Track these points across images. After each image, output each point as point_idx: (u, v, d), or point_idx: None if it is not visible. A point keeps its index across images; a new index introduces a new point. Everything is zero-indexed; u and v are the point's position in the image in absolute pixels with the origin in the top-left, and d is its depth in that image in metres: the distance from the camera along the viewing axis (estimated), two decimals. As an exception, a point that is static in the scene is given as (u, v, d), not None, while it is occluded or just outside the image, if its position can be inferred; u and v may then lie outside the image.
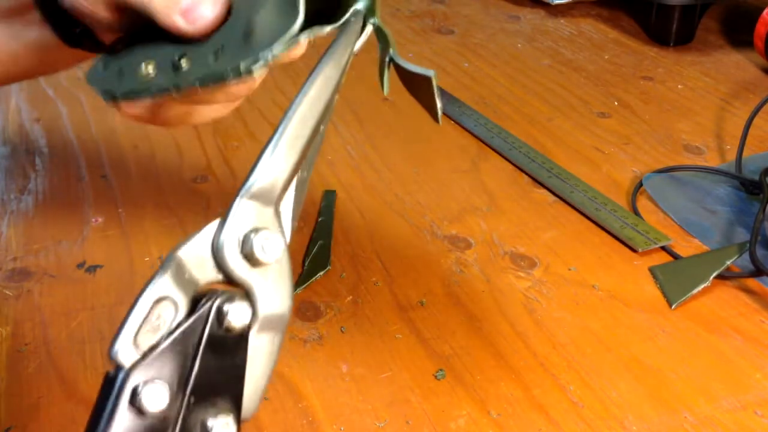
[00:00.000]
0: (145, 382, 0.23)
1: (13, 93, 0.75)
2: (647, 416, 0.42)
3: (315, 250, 0.53)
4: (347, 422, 0.41)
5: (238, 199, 0.26)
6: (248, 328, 0.25)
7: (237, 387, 0.26)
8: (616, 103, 0.74)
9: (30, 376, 0.44)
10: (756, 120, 0.66)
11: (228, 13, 0.32)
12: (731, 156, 0.65)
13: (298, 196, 0.28)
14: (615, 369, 0.44)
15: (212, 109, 0.36)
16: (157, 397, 0.23)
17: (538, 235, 0.55)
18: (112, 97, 0.33)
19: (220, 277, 0.26)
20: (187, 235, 0.25)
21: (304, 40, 0.31)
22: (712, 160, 0.65)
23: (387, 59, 0.36)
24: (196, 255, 0.25)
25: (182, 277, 0.25)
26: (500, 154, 0.65)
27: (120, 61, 0.34)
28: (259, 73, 0.30)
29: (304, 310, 0.48)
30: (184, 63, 0.32)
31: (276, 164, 0.27)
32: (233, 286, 0.26)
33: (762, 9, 0.78)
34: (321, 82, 0.28)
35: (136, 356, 0.23)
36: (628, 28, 0.91)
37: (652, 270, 0.52)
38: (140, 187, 0.61)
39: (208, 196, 0.60)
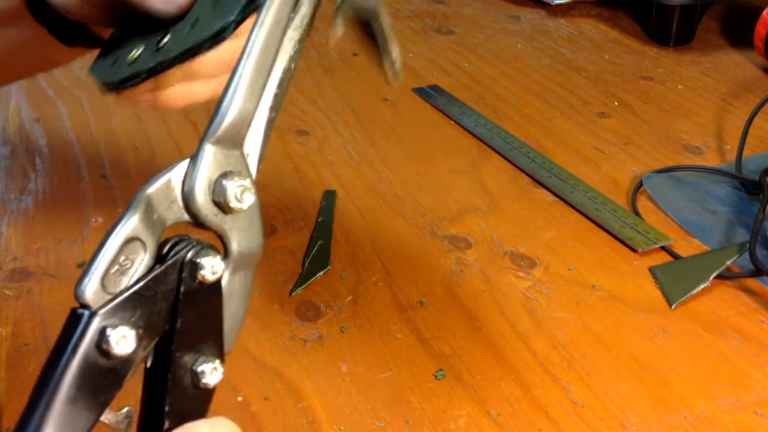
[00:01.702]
0: (114, 326, 0.23)
1: (13, 93, 0.75)
2: (647, 416, 0.42)
3: (315, 250, 0.53)
4: (347, 422, 0.41)
5: (205, 143, 0.25)
6: (220, 278, 0.25)
7: (217, 331, 0.26)
8: (616, 103, 0.74)
9: (30, 376, 0.44)
10: (756, 120, 0.66)
11: None
12: (731, 156, 0.65)
13: (265, 138, 0.28)
14: (615, 369, 0.44)
15: (209, 84, 0.36)
16: (123, 341, 0.23)
17: (538, 235, 0.55)
18: (110, 88, 0.33)
19: (187, 218, 0.25)
20: (155, 174, 0.25)
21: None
22: (712, 160, 0.65)
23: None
24: (165, 195, 0.25)
25: (151, 218, 0.24)
26: (500, 154, 0.65)
27: (114, 53, 0.34)
28: (228, 37, 0.30)
29: (304, 310, 0.48)
30: (166, 41, 0.32)
31: (239, 104, 0.26)
32: (202, 228, 0.26)
33: (762, 9, 0.78)
34: (273, 15, 0.27)
35: (104, 298, 0.23)
36: (628, 28, 0.91)
37: (652, 270, 0.52)
38: (140, 187, 0.61)
39: (208, 196, 0.59)
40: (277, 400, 0.42)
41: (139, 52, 0.33)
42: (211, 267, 0.25)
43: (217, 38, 0.30)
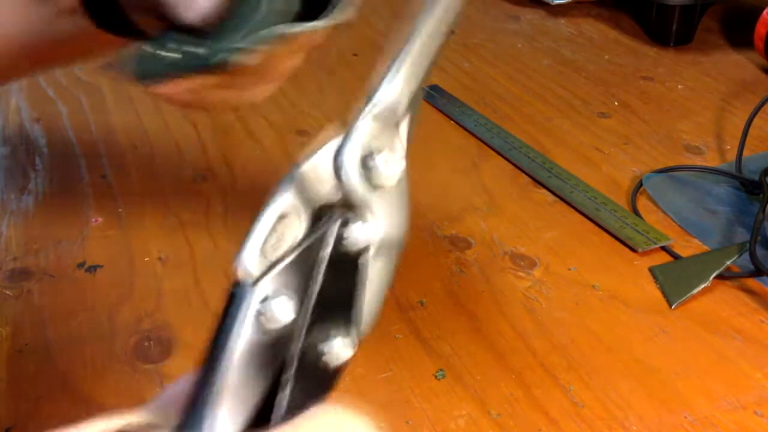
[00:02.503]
0: (274, 293, 0.23)
1: (13, 93, 0.75)
2: (647, 416, 0.42)
3: (315, 250, 0.53)
4: (347, 422, 0.41)
5: (361, 118, 0.25)
6: (366, 250, 0.25)
7: (354, 308, 0.26)
8: (616, 103, 0.74)
9: (30, 376, 0.44)
10: (756, 120, 0.66)
11: None
12: (731, 156, 0.65)
13: (413, 121, 0.28)
14: (615, 369, 0.44)
15: (243, 92, 0.37)
16: (284, 310, 0.23)
17: (538, 235, 0.55)
18: (136, 79, 0.34)
19: (339, 195, 0.25)
20: (307, 152, 0.25)
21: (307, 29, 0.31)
22: (712, 160, 0.65)
23: None
24: (317, 171, 0.25)
25: (304, 193, 0.24)
26: (500, 154, 0.65)
27: (151, 47, 0.35)
28: (251, 56, 0.30)
29: (304, 310, 0.48)
30: (199, 46, 0.32)
31: (399, 85, 0.26)
32: (352, 208, 0.25)
33: (762, 9, 0.78)
34: (442, 7, 0.27)
35: (262, 268, 0.23)
36: (628, 28, 0.91)
37: (652, 270, 0.52)
38: (140, 187, 0.61)
39: (208, 196, 0.60)
40: (277, 400, 0.42)
41: (175, 50, 0.33)
42: (357, 236, 0.25)
43: (244, 52, 0.31)
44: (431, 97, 0.74)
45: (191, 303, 0.49)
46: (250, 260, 0.23)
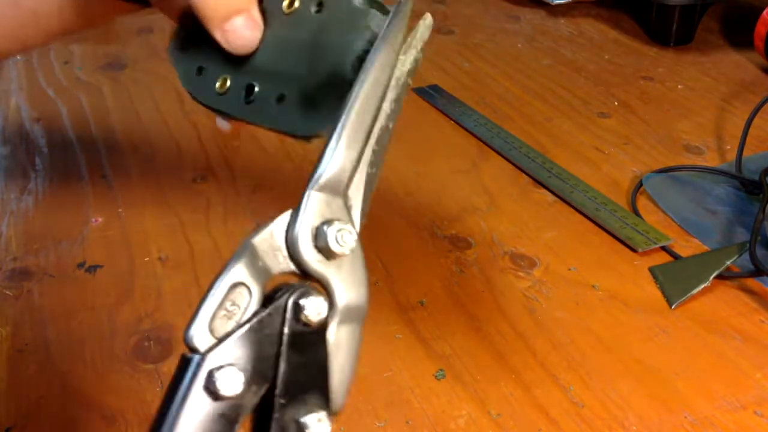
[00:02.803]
0: (220, 367, 0.23)
1: (13, 93, 0.75)
2: (647, 416, 0.42)
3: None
4: (347, 422, 0.41)
5: (308, 191, 0.26)
6: (326, 322, 0.26)
7: (323, 380, 0.26)
8: (616, 103, 0.74)
9: (30, 376, 0.44)
10: (756, 120, 0.66)
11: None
12: (731, 156, 0.65)
13: (367, 193, 0.28)
14: (615, 369, 0.44)
15: None
16: (232, 382, 0.23)
17: (538, 235, 0.55)
18: (198, 101, 0.35)
19: (293, 267, 0.26)
20: (258, 225, 0.25)
21: None
22: (712, 160, 0.65)
23: None
24: (269, 244, 0.25)
25: (256, 265, 0.25)
26: (500, 154, 0.65)
27: (196, 56, 0.36)
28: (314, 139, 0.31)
29: (304, 310, 0.48)
30: (253, 98, 0.33)
31: (341, 155, 0.27)
32: (307, 279, 0.26)
33: (762, 9, 0.78)
34: (376, 70, 0.28)
35: (212, 341, 0.23)
36: (628, 28, 0.91)
37: (652, 270, 0.52)
38: (140, 187, 0.61)
39: (208, 196, 0.60)
40: (277, 400, 0.42)
41: (227, 85, 0.34)
42: (315, 307, 0.25)
43: (306, 139, 0.32)
44: (431, 97, 0.74)
45: (191, 303, 0.49)
46: (199, 334, 0.23)
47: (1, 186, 0.61)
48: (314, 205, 0.26)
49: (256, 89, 0.33)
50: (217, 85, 0.34)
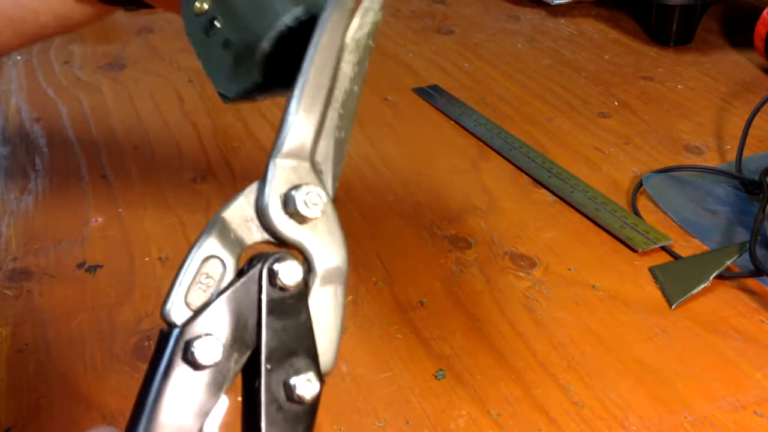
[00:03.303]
0: (197, 337, 0.23)
1: (13, 93, 0.75)
2: (647, 416, 0.42)
3: (315, 250, 0.53)
4: (347, 422, 0.41)
5: (272, 160, 0.26)
6: (304, 285, 0.26)
7: (309, 344, 0.26)
8: (616, 103, 0.74)
9: (30, 376, 0.44)
10: (756, 120, 0.66)
11: None
12: (731, 156, 0.65)
13: (337, 157, 0.28)
14: (615, 369, 0.44)
15: None
16: (210, 350, 0.23)
17: (538, 235, 0.55)
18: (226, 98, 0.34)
19: (267, 236, 0.26)
20: (229, 198, 0.25)
21: None
22: (712, 160, 0.65)
23: None
24: (240, 215, 0.25)
25: (228, 238, 0.25)
26: (500, 154, 0.65)
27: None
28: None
29: (304, 310, 0.48)
30: (212, 29, 0.33)
31: (302, 119, 0.27)
32: (283, 247, 0.26)
33: (762, 9, 0.78)
34: (328, 32, 0.28)
35: (188, 314, 0.24)
36: (628, 28, 0.91)
37: (652, 270, 0.52)
38: (140, 187, 0.61)
39: (208, 196, 0.60)
40: (277, 400, 0.42)
41: (204, 7, 0.33)
42: (290, 272, 0.25)
43: (222, 98, 0.31)
44: (431, 97, 0.74)
45: (191, 303, 0.49)
46: (176, 308, 0.24)
47: (1, 186, 0.61)
48: (280, 172, 0.26)
49: (216, 24, 0.33)
50: (197, 4, 0.33)
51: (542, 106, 0.74)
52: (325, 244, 0.26)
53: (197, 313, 0.24)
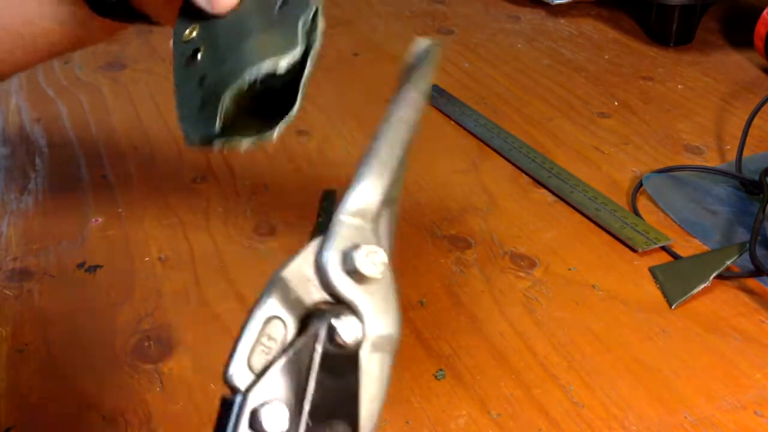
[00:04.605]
0: (263, 404, 0.23)
1: (13, 93, 0.75)
2: (647, 416, 0.42)
3: (315, 250, 0.53)
4: (347, 422, 0.41)
5: (337, 217, 0.26)
6: (359, 346, 0.25)
7: (352, 409, 0.25)
8: (616, 103, 0.74)
9: (30, 376, 0.44)
10: (756, 120, 0.66)
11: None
12: (731, 156, 0.65)
13: (391, 223, 0.28)
14: (615, 369, 0.44)
15: None
16: (277, 418, 0.23)
17: (538, 235, 0.55)
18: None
19: (326, 296, 0.25)
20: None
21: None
22: (712, 160, 0.65)
23: None
24: (300, 274, 0.25)
25: (288, 297, 0.24)
26: (500, 154, 0.65)
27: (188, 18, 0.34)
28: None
29: (304, 310, 0.48)
30: (195, 60, 0.32)
31: (373, 179, 0.27)
32: (340, 305, 0.25)
33: (762, 9, 0.78)
34: (407, 106, 0.28)
35: (252, 378, 0.23)
36: (628, 28, 0.91)
37: (652, 270, 0.52)
38: (140, 187, 0.61)
39: (208, 196, 0.60)
40: (277, 400, 0.42)
41: (192, 35, 0.33)
42: (349, 328, 0.24)
43: (186, 140, 0.31)
44: (431, 97, 0.74)
45: (191, 303, 0.49)
46: (238, 372, 0.23)
47: (1, 186, 0.61)
48: (345, 229, 0.26)
49: (198, 57, 0.32)
50: (186, 32, 0.33)
51: (542, 106, 0.74)
52: (380, 310, 0.26)
53: (260, 376, 0.23)
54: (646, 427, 0.41)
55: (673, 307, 0.49)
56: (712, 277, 0.50)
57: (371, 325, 0.25)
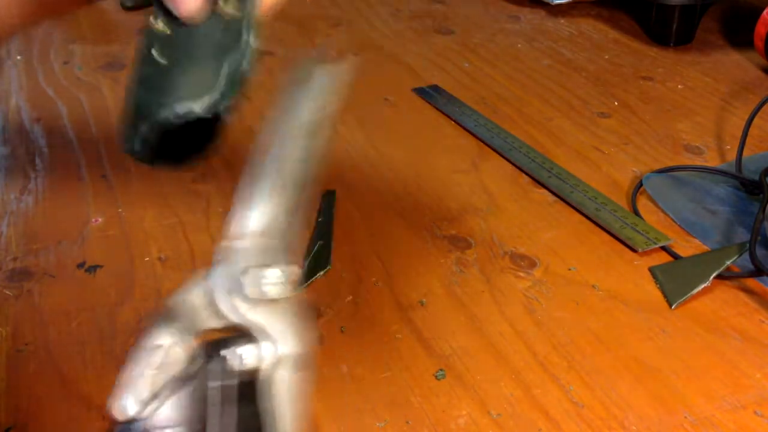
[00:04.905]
0: (158, 428, 0.23)
1: (13, 93, 0.75)
2: (647, 416, 0.42)
3: (315, 250, 0.53)
4: (347, 422, 0.41)
5: (225, 242, 0.25)
6: (261, 370, 0.25)
7: (264, 429, 0.25)
8: (616, 103, 0.74)
9: (30, 376, 0.44)
10: (756, 120, 0.66)
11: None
12: (731, 156, 0.65)
13: (292, 241, 0.28)
14: (615, 369, 0.44)
15: None
16: None
17: (538, 235, 0.55)
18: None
19: (221, 321, 0.25)
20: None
21: None
22: (712, 160, 0.65)
23: None
24: (192, 302, 0.25)
25: (180, 326, 0.24)
26: (500, 154, 0.65)
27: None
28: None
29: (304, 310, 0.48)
30: (149, 57, 0.31)
31: (261, 202, 0.26)
32: (240, 330, 0.25)
33: (762, 9, 0.78)
34: (292, 123, 0.28)
35: (144, 408, 0.23)
36: (628, 28, 0.91)
37: (652, 270, 0.52)
38: (140, 187, 0.61)
39: (208, 196, 0.60)
40: (277, 400, 0.42)
41: (158, 24, 0.32)
42: (247, 355, 0.24)
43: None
44: (431, 97, 0.74)
45: (191, 303, 0.49)
46: (129, 402, 0.23)
47: (1, 186, 0.61)
48: (233, 254, 0.25)
49: (154, 52, 0.32)
50: (159, 20, 0.32)
51: (542, 106, 0.74)
52: (283, 330, 0.25)
53: (150, 404, 0.23)
54: (646, 427, 0.41)
55: (673, 307, 0.49)
56: (712, 277, 0.50)
57: (271, 346, 0.25)
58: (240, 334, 0.25)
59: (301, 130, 0.29)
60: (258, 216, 0.26)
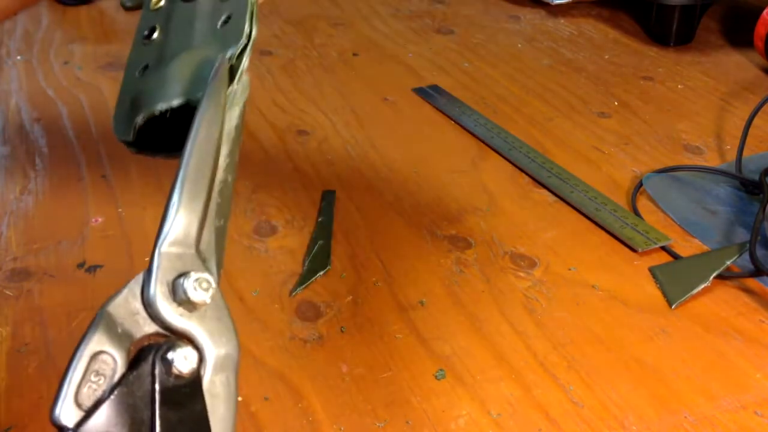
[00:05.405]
0: None
1: (13, 93, 0.75)
2: (647, 416, 0.42)
3: (315, 250, 0.53)
4: (347, 422, 0.41)
5: (157, 249, 0.26)
6: (198, 373, 0.25)
7: None
8: (616, 103, 0.74)
9: (30, 376, 0.44)
10: (756, 120, 0.66)
11: None
12: (731, 156, 0.65)
13: (219, 245, 0.28)
14: (615, 369, 0.44)
15: None
16: None
17: (538, 235, 0.55)
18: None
19: (156, 327, 0.25)
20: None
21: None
22: (712, 160, 0.65)
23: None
24: (127, 308, 0.25)
25: (116, 332, 0.24)
26: (500, 154, 0.65)
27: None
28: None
29: (304, 310, 0.48)
30: (150, 39, 0.32)
31: (185, 209, 0.27)
32: (173, 335, 0.25)
33: (762, 9, 0.78)
34: (205, 125, 0.28)
35: (80, 415, 0.23)
36: (628, 28, 0.91)
37: (652, 270, 0.52)
38: (140, 187, 0.61)
39: (208, 196, 0.59)
40: (276, 400, 0.42)
41: (160, 3, 0.33)
42: (184, 357, 0.24)
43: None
44: (431, 97, 0.75)
45: (191, 303, 0.49)
46: (66, 411, 0.23)
47: (1, 186, 0.61)
48: (166, 260, 0.26)
49: (155, 35, 0.32)
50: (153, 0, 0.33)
51: (542, 106, 0.74)
52: (216, 332, 0.26)
53: (89, 413, 0.23)
54: (646, 427, 0.41)
55: (673, 307, 0.49)
56: (712, 277, 0.50)
57: (209, 348, 0.26)
58: (174, 338, 0.25)
59: (224, 137, 0.30)
60: (192, 220, 0.27)
